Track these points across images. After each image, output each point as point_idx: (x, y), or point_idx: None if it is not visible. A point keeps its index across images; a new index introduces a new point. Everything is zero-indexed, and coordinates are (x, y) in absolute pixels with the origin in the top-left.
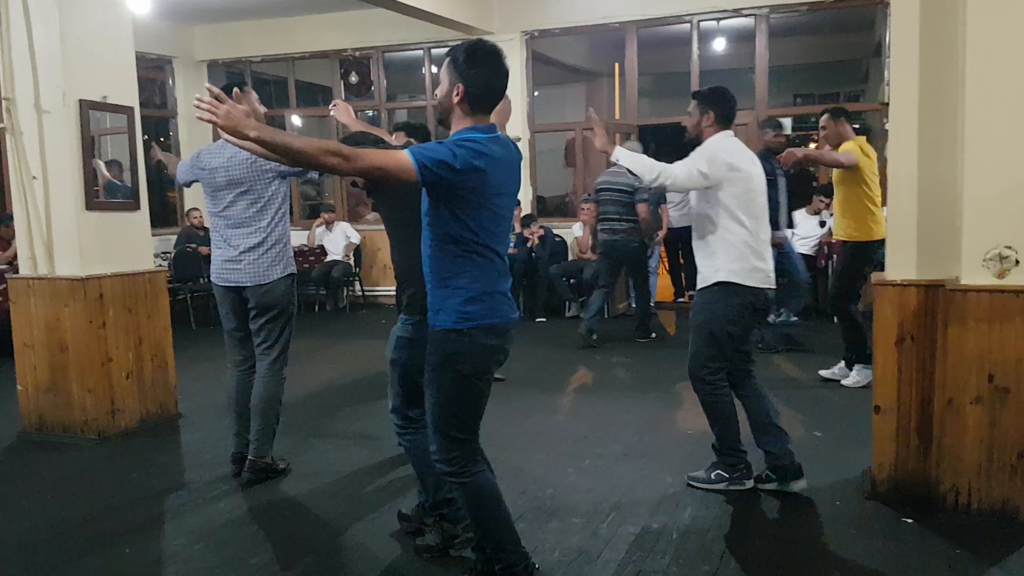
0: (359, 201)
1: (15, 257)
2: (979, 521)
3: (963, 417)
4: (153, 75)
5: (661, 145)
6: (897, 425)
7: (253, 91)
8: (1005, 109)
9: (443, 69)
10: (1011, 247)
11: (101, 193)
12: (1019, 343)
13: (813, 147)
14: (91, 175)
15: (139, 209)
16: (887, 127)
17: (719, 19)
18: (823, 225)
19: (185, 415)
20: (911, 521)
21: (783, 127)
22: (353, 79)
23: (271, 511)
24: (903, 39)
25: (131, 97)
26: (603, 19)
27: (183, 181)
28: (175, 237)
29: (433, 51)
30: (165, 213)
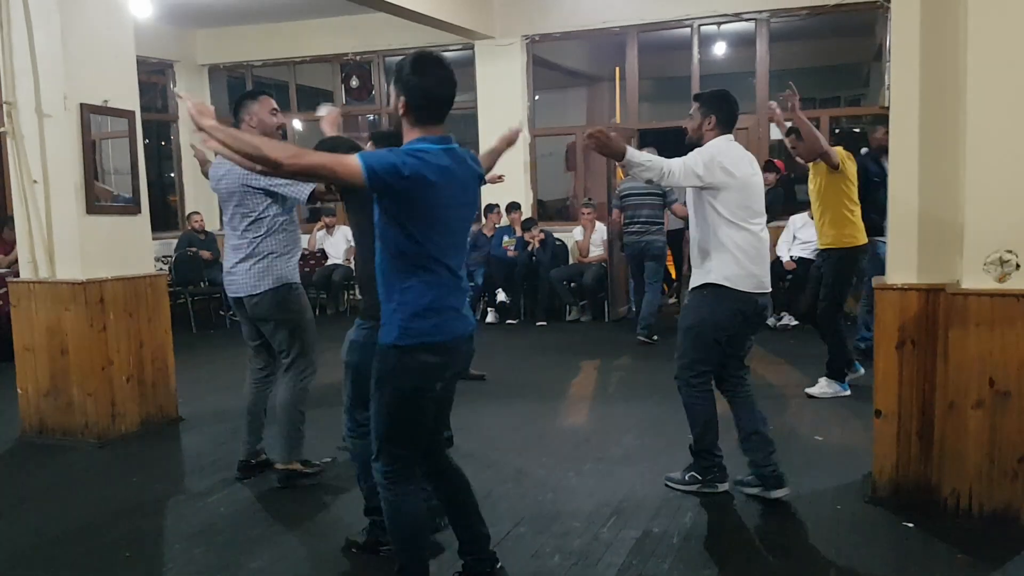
0: None
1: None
2: (980, 525)
3: (964, 421)
4: (154, 79)
5: (662, 150)
6: (898, 429)
7: (269, 99)
8: (1006, 112)
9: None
10: (1012, 251)
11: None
12: (1020, 347)
13: None
14: (92, 179)
15: (140, 213)
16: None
17: (720, 23)
18: None
19: (185, 419)
20: (912, 525)
21: None
22: (354, 83)
23: (271, 515)
24: (904, 43)
25: (132, 101)
26: (604, 23)
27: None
28: (176, 241)
29: None
30: (166, 217)
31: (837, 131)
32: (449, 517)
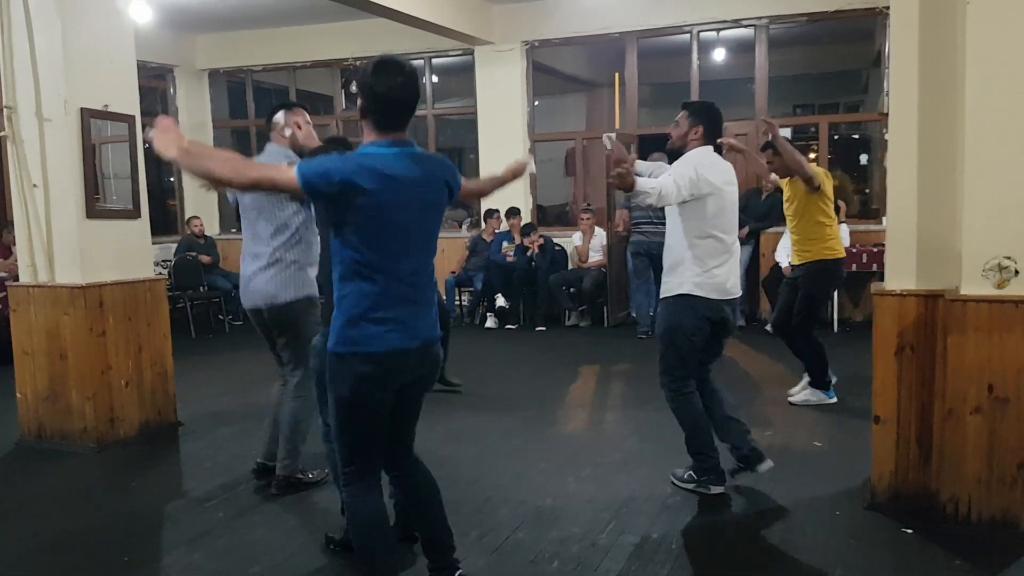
0: None
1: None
2: (979, 531)
3: (963, 427)
4: (154, 84)
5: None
6: (897, 435)
7: (302, 112)
8: (1005, 119)
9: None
10: (1011, 257)
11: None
12: (1019, 353)
13: (813, 156)
14: (92, 183)
15: (139, 217)
16: (887, 137)
17: (719, 30)
18: None
19: (184, 423)
20: (911, 531)
21: None
22: (354, 88)
23: (270, 520)
24: (903, 50)
25: (132, 106)
26: (603, 29)
27: (230, 199)
28: (175, 245)
29: (434, 61)
30: (165, 221)
31: (836, 137)
32: (413, 522)
